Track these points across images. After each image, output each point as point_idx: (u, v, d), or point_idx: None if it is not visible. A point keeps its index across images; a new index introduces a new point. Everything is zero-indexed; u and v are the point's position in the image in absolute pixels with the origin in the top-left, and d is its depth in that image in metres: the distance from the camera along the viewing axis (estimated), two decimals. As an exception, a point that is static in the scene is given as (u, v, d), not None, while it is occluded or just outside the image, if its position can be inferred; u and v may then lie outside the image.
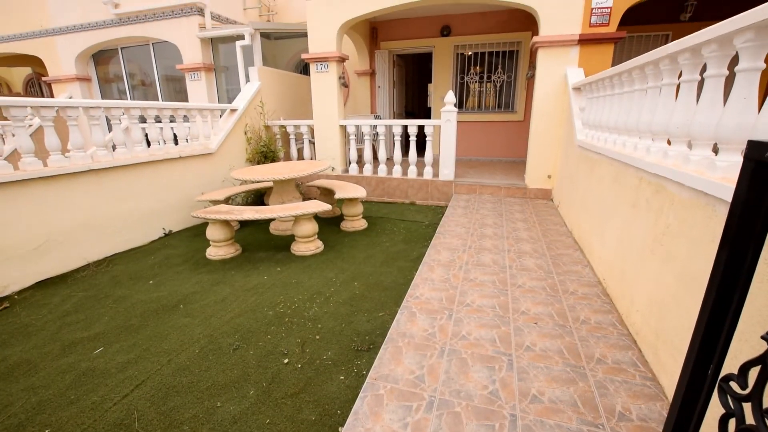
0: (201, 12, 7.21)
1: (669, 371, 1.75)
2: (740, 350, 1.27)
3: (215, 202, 4.53)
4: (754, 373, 0.74)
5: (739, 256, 0.81)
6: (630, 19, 5.50)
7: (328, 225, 4.81)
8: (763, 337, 0.76)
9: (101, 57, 8.79)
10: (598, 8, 4.80)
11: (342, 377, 2.08)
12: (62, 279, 3.48)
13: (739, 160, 1.51)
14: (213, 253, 3.84)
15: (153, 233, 4.54)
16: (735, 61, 1.55)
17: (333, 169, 6.45)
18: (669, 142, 2.20)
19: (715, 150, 1.72)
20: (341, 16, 5.76)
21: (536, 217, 4.59)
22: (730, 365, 1.06)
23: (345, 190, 4.63)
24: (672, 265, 1.84)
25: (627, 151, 2.69)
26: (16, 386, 2.09)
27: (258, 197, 5.61)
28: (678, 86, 2.08)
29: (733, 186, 0.80)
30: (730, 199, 1.11)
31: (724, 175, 1.54)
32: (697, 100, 1.85)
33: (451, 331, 2.29)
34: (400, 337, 2.24)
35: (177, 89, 8.38)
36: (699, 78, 1.91)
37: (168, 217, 4.74)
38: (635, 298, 2.24)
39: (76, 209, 3.73)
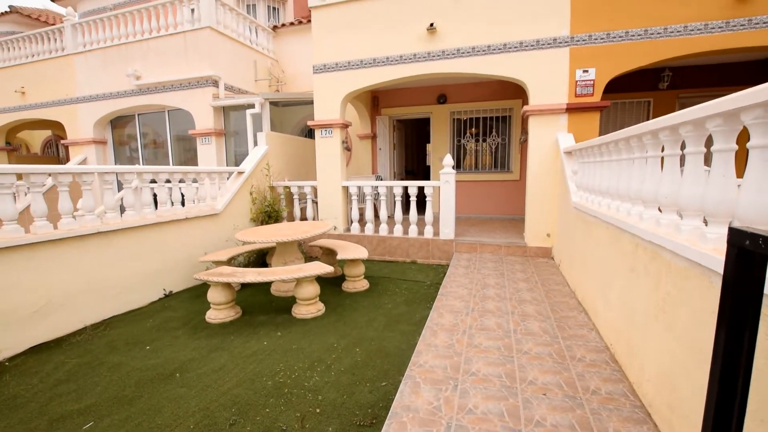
0: (215, 83, 7.81)
1: (688, 451, 1.66)
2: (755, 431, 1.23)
3: (218, 263, 4.56)
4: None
5: (738, 335, 0.83)
6: (614, 87, 5.95)
7: (330, 285, 4.78)
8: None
9: (118, 121, 9.35)
10: (582, 81, 5.22)
11: (343, 457, 1.97)
12: (57, 344, 3.40)
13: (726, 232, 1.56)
14: (213, 316, 3.79)
15: (153, 294, 4.51)
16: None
17: (335, 228, 6.55)
18: (660, 209, 2.28)
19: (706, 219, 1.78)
20: (345, 88, 6.24)
21: (538, 277, 4.58)
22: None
23: (347, 251, 4.67)
24: (677, 333, 1.83)
25: (621, 216, 2.75)
26: (-3, 468, 1.97)
27: (260, 256, 5.64)
28: (663, 158, 2.21)
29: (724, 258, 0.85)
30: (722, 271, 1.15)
31: (715, 246, 1.59)
32: (682, 173, 1.96)
33: (457, 405, 2.20)
34: (404, 411, 2.15)
35: (186, 148, 8.80)
36: (680, 153, 2.05)
37: (169, 277, 4.73)
38: (645, 367, 2.18)
39: (81, 271, 3.75)
